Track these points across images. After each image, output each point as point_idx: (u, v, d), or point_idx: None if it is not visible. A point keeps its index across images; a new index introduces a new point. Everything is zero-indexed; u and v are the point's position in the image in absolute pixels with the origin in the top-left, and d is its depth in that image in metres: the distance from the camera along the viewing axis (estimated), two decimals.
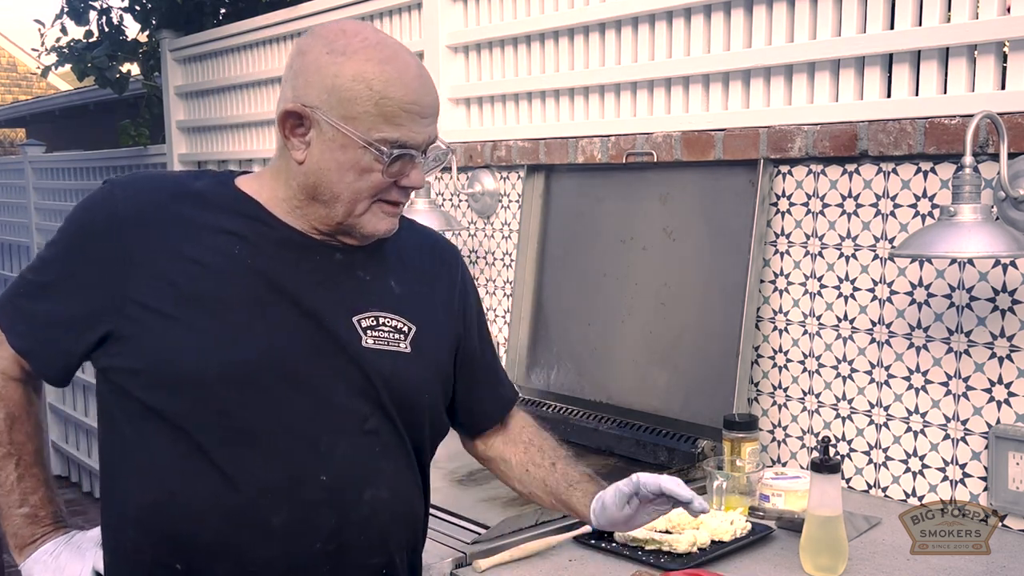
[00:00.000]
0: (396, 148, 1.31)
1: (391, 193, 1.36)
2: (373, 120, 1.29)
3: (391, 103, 1.29)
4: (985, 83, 1.87)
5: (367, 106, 1.29)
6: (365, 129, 1.29)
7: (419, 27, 3.18)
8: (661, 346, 2.36)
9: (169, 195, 1.36)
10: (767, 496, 1.89)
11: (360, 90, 1.28)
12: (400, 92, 1.30)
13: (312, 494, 1.33)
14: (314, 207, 1.36)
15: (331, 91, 1.29)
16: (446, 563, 1.67)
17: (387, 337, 1.40)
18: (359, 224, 1.36)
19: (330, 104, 1.29)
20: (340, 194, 1.33)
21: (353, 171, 1.32)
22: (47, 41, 5.60)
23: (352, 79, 1.28)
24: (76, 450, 6.20)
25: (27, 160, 6.90)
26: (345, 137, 1.30)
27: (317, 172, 1.33)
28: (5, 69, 16.50)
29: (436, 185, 3.09)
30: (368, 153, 1.30)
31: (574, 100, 2.73)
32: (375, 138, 1.30)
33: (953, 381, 1.90)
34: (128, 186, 1.38)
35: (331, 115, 1.29)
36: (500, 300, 2.93)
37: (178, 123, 4.75)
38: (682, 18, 2.41)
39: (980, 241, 1.57)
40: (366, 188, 1.33)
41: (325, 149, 1.31)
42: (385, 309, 1.41)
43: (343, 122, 1.29)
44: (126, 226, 1.32)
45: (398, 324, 1.41)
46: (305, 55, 1.32)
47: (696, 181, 2.32)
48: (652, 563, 1.65)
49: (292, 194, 1.36)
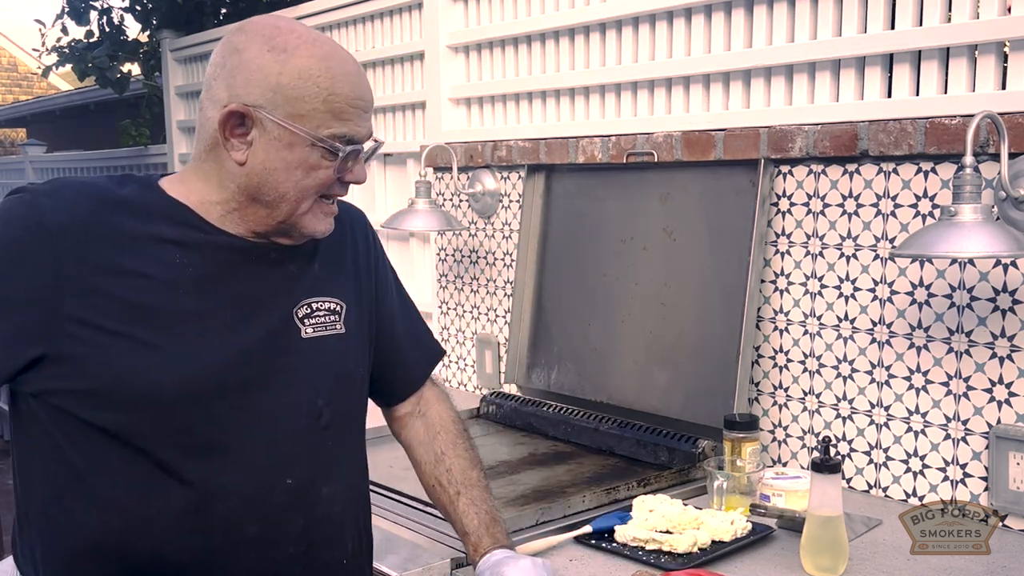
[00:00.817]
0: (346, 144, 1.30)
1: (334, 188, 1.35)
2: (322, 117, 1.28)
3: (339, 99, 1.28)
4: (986, 83, 1.87)
5: (315, 103, 1.27)
6: (314, 126, 1.28)
7: (419, 27, 3.18)
8: (661, 346, 2.36)
9: (99, 204, 1.28)
10: (767, 496, 1.89)
11: (307, 87, 1.27)
12: (346, 88, 1.29)
13: (280, 498, 1.33)
14: (254, 208, 1.32)
15: (276, 89, 1.26)
16: (446, 563, 1.67)
17: (323, 322, 1.39)
18: (300, 223, 1.34)
19: (275, 103, 1.26)
20: (286, 193, 1.31)
21: (301, 169, 1.30)
22: (48, 41, 5.60)
23: (298, 76, 1.26)
24: None
25: (28, 160, 6.90)
26: (293, 135, 1.27)
27: (262, 172, 1.29)
28: (6, 69, 16.51)
29: (436, 185, 3.09)
30: (316, 150, 1.29)
31: (574, 100, 2.73)
32: (325, 135, 1.28)
33: (954, 381, 1.89)
34: (53, 195, 1.26)
35: (276, 113, 1.27)
36: (500, 300, 2.93)
37: (178, 123, 4.75)
38: (682, 18, 2.41)
39: (981, 241, 1.57)
40: (313, 186, 1.31)
41: (270, 148, 1.28)
42: (315, 294, 1.40)
43: (290, 120, 1.27)
44: (56, 239, 1.22)
45: (331, 305, 1.41)
46: (242, 53, 1.28)
47: (696, 181, 2.32)
48: (652, 563, 1.65)
49: (228, 196, 1.32)
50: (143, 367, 1.24)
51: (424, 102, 3.18)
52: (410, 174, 3.28)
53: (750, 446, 1.98)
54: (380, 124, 3.46)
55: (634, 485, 2.00)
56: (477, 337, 3.00)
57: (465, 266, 3.05)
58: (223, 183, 1.31)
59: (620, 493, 1.97)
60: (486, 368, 2.96)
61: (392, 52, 3.32)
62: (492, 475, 2.17)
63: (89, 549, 1.27)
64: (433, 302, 3.17)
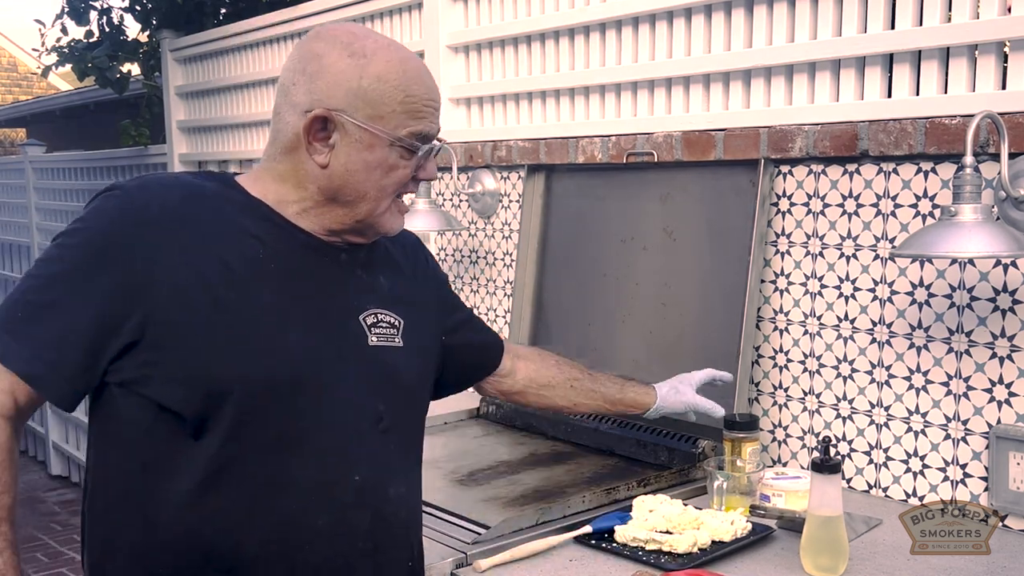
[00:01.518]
0: (422, 142, 1.36)
1: (408, 186, 1.40)
2: (400, 118, 1.33)
3: (415, 99, 1.34)
4: (986, 83, 1.87)
5: (393, 105, 1.33)
6: (393, 127, 1.33)
7: (419, 27, 3.18)
8: (661, 346, 2.36)
9: (186, 195, 1.34)
10: (767, 496, 1.89)
11: (386, 90, 1.32)
12: (421, 89, 1.35)
13: (347, 495, 1.35)
14: (332, 208, 1.38)
15: (357, 93, 1.32)
16: (446, 563, 1.67)
17: (385, 333, 1.43)
18: (379, 223, 1.40)
19: (356, 106, 1.32)
20: (366, 193, 1.36)
21: (380, 169, 1.35)
22: (47, 41, 5.58)
23: (377, 80, 1.32)
24: (76, 450, 6.20)
25: (27, 160, 6.90)
26: (373, 136, 1.33)
27: (343, 174, 1.35)
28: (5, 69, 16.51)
29: (436, 185, 3.09)
30: (395, 150, 1.35)
31: (574, 100, 2.73)
32: (403, 134, 1.34)
33: (954, 381, 1.89)
34: (142, 189, 1.32)
35: (357, 116, 1.32)
36: (500, 300, 2.93)
37: (178, 123, 4.75)
38: (682, 18, 2.41)
39: (981, 241, 1.57)
40: (391, 185, 1.37)
41: (351, 151, 1.34)
42: (380, 305, 1.44)
43: (371, 122, 1.32)
44: (150, 230, 1.27)
45: (391, 319, 1.45)
46: (322, 59, 1.33)
47: (696, 181, 2.32)
48: (652, 563, 1.65)
49: (306, 196, 1.37)
50: (228, 358, 1.27)
51: None
52: None
53: (750, 446, 1.98)
54: None
55: (634, 485, 2.00)
56: None
57: (465, 266, 3.05)
58: (301, 183, 1.37)
59: (620, 493, 1.97)
60: None
61: None
62: (492, 475, 2.17)
63: (163, 542, 1.29)
64: None
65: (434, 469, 2.17)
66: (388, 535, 1.40)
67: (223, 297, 1.28)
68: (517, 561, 1.68)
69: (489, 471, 2.21)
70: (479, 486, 2.10)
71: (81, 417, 6.04)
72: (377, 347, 1.41)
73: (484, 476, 2.17)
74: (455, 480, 2.15)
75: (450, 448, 2.40)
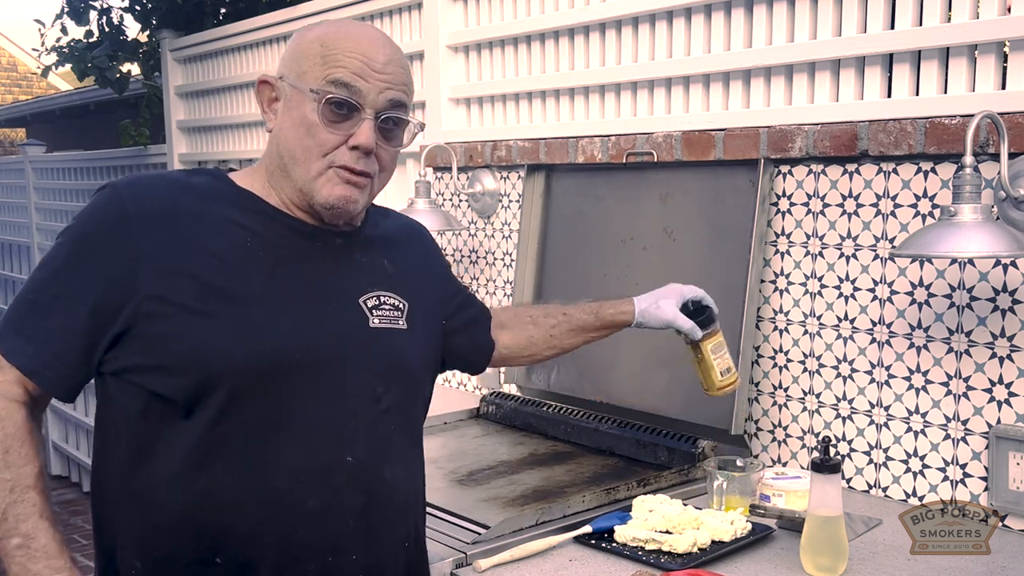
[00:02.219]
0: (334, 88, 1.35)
1: (343, 155, 1.37)
2: (320, 70, 1.36)
3: (335, 51, 1.36)
4: (985, 83, 1.87)
5: (315, 59, 1.36)
6: (312, 80, 1.35)
7: (419, 27, 3.18)
8: (661, 346, 2.35)
9: (175, 189, 1.37)
10: (767, 496, 1.89)
11: (313, 47, 1.37)
12: (348, 43, 1.37)
13: (340, 477, 1.36)
14: (283, 180, 1.40)
15: (292, 56, 1.38)
16: (446, 563, 1.67)
17: (389, 315, 1.45)
18: (315, 190, 1.38)
19: (290, 68, 1.38)
20: (295, 153, 1.38)
21: (303, 126, 1.36)
22: (47, 41, 5.58)
23: (310, 41, 1.38)
24: (76, 450, 6.20)
25: (27, 160, 6.90)
26: (297, 93, 1.36)
27: (279, 135, 1.39)
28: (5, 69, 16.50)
29: (436, 185, 3.09)
30: (317, 108, 1.35)
31: (574, 100, 2.73)
32: (318, 86, 1.35)
33: (953, 381, 1.89)
34: (131, 185, 1.36)
35: (289, 76, 1.37)
36: (500, 300, 2.92)
37: (178, 123, 4.75)
38: (682, 18, 2.41)
39: (980, 241, 1.57)
40: (316, 146, 1.36)
41: (285, 111, 1.38)
42: (384, 288, 1.46)
43: (297, 79, 1.36)
44: (136, 224, 1.31)
45: (395, 302, 1.46)
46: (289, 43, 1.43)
47: (696, 181, 2.32)
48: (652, 563, 1.65)
49: (271, 172, 1.41)
50: (217, 344, 1.29)
51: (424, 102, 3.18)
52: (410, 174, 3.28)
53: (711, 342, 1.83)
54: None
55: (634, 485, 2.00)
56: None
57: (465, 266, 3.05)
58: (268, 161, 1.42)
59: (620, 493, 1.97)
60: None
61: None
62: (492, 475, 2.17)
63: (161, 525, 1.32)
64: None
65: (434, 469, 2.17)
66: (382, 516, 1.41)
67: (212, 285, 1.31)
68: (517, 561, 1.68)
69: (489, 471, 2.21)
70: (479, 486, 2.10)
71: (81, 417, 6.04)
72: (379, 329, 1.42)
73: (484, 476, 2.17)
74: (455, 480, 2.15)
75: (450, 448, 2.40)
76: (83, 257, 1.31)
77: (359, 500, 1.38)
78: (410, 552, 1.48)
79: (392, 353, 1.43)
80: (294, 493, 1.33)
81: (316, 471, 1.34)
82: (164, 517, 1.32)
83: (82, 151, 6.68)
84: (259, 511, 1.32)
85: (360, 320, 1.41)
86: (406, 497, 1.47)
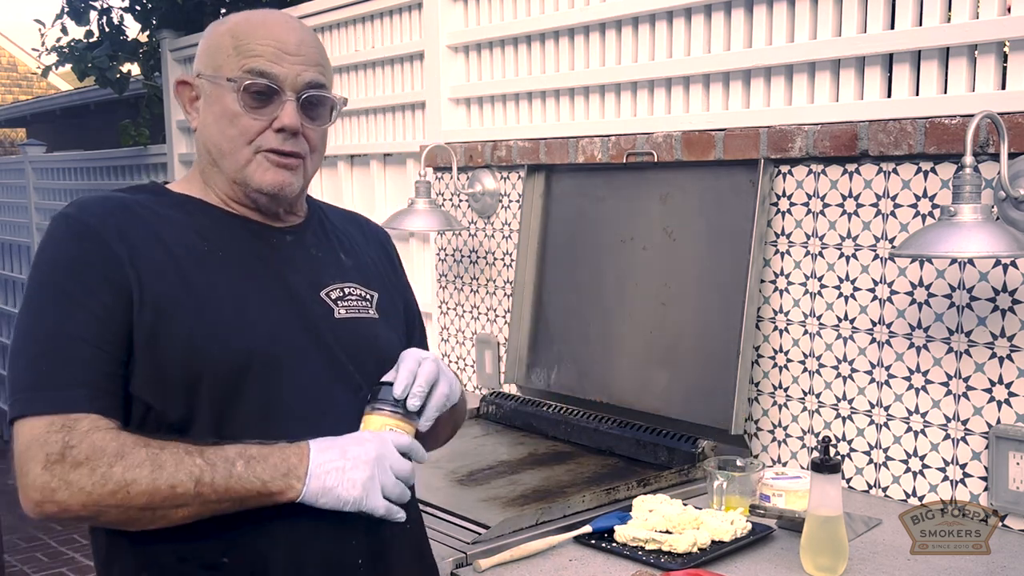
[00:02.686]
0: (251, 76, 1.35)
1: (269, 139, 1.37)
2: (234, 60, 1.36)
3: (248, 40, 1.37)
4: (985, 83, 1.87)
5: (228, 50, 1.37)
6: (228, 71, 1.36)
7: (419, 27, 3.18)
8: (661, 346, 2.36)
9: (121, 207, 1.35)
10: (767, 496, 1.89)
11: (224, 40, 1.38)
12: (261, 31, 1.38)
13: None
14: (218, 176, 1.41)
15: (206, 51, 1.39)
16: (446, 563, 1.67)
17: (356, 305, 1.45)
18: (247, 178, 1.39)
19: (205, 64, 1.39)
20: (221, 146, 1.38)
21: (225, 118, 1.37)
22: (47, 41, 5.59)
23: (221, 34, 1.38)
24: None
25: (27, 160, 6.90)
26: (215, 87, 1.37)
27: (204, 133, 1.40)
28: (5, 69, 16.49)
29: (436, 185, 3.09)
30: (235, 96, 1.35)
31: (574, 100, 2.73)
32: (235, 76, 1.36)
33: (953, 381, 1.89)
34: (83, 208, 1.34)
35: (206, 72, 1.38)
36: (500, 300, 2.93)
37: (178, 123, 4.75)
38: (682, 18, 2.41)
39: (980, 241, 1.57)
40: (240, 134, 1.37)
41: (206, 107, 1.39)
42: (346, 280, 1.46)
43: (213, 73, 1.37)
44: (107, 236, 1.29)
45: (362, 292, 1.47)
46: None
47: (696, 181, 2.32)
48: (652, 563, 1.65)
49: (204, 172, 1.42)
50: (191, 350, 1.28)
51: (424, 102, 3.18)
52: (410, 174, 3.28)
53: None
54: (380, 124, 3.47)
55: (634, 485, 2.00)
56: (477, 337, 3.00)
57: (465, 266, 3.05)
58: (198, 161, 1.43)
59: (620, 493, 1.97)
60: (486, 368, 2.96)
61: (392, 52, 3.32)
62: (492, 475, 2.18)
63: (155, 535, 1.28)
64: (433, 302, 3.17)
65: (434, 469, 2.17)
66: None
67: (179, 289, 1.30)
68: (517, 561, 1.68)
69: (489, 471, 2.21)
70: (479, 486, 2.10)
71: None
72: (347, 319, 1.42)
73: (484, 476, 2.17)
74: (455, 480, 2.15)
75: (450, 448, 2.39)
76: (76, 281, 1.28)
77: None
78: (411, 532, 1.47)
79: (363, 342, 1.43)
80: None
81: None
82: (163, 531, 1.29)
83: (82, 151, 6.68)
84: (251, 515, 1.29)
85: (325, 312, 1.41)
86: None
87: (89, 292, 1.27)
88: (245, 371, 1.31)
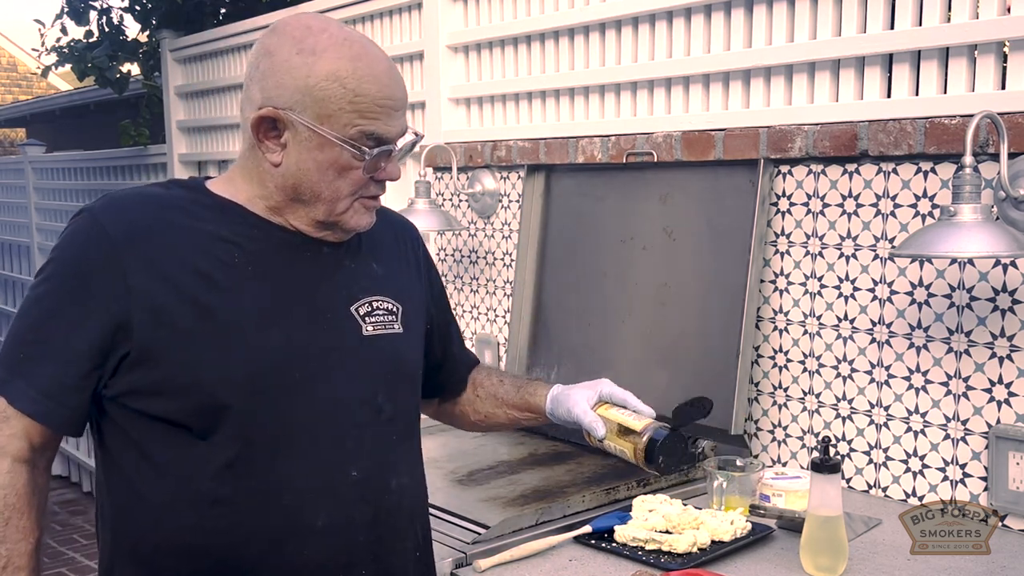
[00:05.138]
0: (374, 144, 1.32)
1: (369, 188, 1.37)
2: (349, 117, 1.30)
3: (365, 99, 1.30)
4: (985, 83, 1.87)
5: (341, 104, 1.29)
6: (341, 127, 1.30)
7: (419, 27, 3.18)
8: (661, 346, 2.36)
9: (154, 207, 1.33)
10: (767, 496, 1.89)
11: (334, 89, 1.28)
12: (373, 88, 1.30)
13: (347, 491, 1.35)
14: (294, 207, 1.36)
15: (304, 92, 1.29)
16: (446, 563, 1.67)
17: (383, 320, 1.42)
18: (342, 221, 1.37)
19: (304, 105, 1.29)
20: (321, 193, 1.34)
21: (332, 169, 1.32)
22: (47, 41, 5.58)
23: (325, 78, 1.28)
24: (76, 450, 6.20)
25: (27, 160, 6.90)
26: (321, 137, 1.30)
27: (296, 173, 1.33)
28: (5, 69, 16.49)
29: (436, 185, 3.09)
30: (346, 151, 1.31)
31: (574, 100, 2.73)
32: (351, 135, 1.30)
33: (953, 381, 1.89)
34: (108, 208, 1.31)
35: (305, 116, 1.29)
36: (500, 300, 2.93)
37: (178, 123, 4.75)
38: (682, 18, 2.40)
39: (980, 241, 1.57)
40: (346, 186, 1.34)
41: (302, 150, 1.31)
42: (375, 292, 1.43)
43: (318, 122, 1.29)
44: (121, 248, 1.27)
45: (388, 305, 1.44)
46: (273, 56, 1.31)
47: (696, 181, 2.32)
48: (652, 563, 1.65)
49: (268, 194, 1.36)
50: (212, 364, 1.27)
51: (424, 102, 3.18)
52: (410, 174, 3.27)
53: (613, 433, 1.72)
54: None
55: (634, 485, 2.00)
56: (477, 337, 3.01)
57: (465, 266, 3.05)
58: (263, 181, 1.35)
59: (620, 493, 1.97)
60: None
61: (392, 52, 3.32)
62: (492, 475, 2.18)
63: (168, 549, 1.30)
64: None
65: (434, 469, 2.17)
66: (391, 527, 1.40)
67: (203, 307, 1.28)
68: (517, 561, 1.68)
69: (489, 471, 2.21)
70: (479, 486, 2.10)
71: None
72: (374, 336, 1.40)
73: (484, 476, 2.17)
74: (455, 480, 2.15)
75: (450, 448, 2.40)
76: (74, 287, 1.28)
77: (367, 514, 1.37)
78: (419, 559, 1.48)
79: (388, 359, 1.41)
80: (303, 510, 1.32)
81: (323, 487, 1.33)
82: (172, 537, 1.30)
83: (82, 151, 6.68)
84: (264, 531, 1.30)
85: (353, 329, 1.39)
86: (412, 504, 1.46)
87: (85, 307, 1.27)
88: (264, 392, 1.30)
